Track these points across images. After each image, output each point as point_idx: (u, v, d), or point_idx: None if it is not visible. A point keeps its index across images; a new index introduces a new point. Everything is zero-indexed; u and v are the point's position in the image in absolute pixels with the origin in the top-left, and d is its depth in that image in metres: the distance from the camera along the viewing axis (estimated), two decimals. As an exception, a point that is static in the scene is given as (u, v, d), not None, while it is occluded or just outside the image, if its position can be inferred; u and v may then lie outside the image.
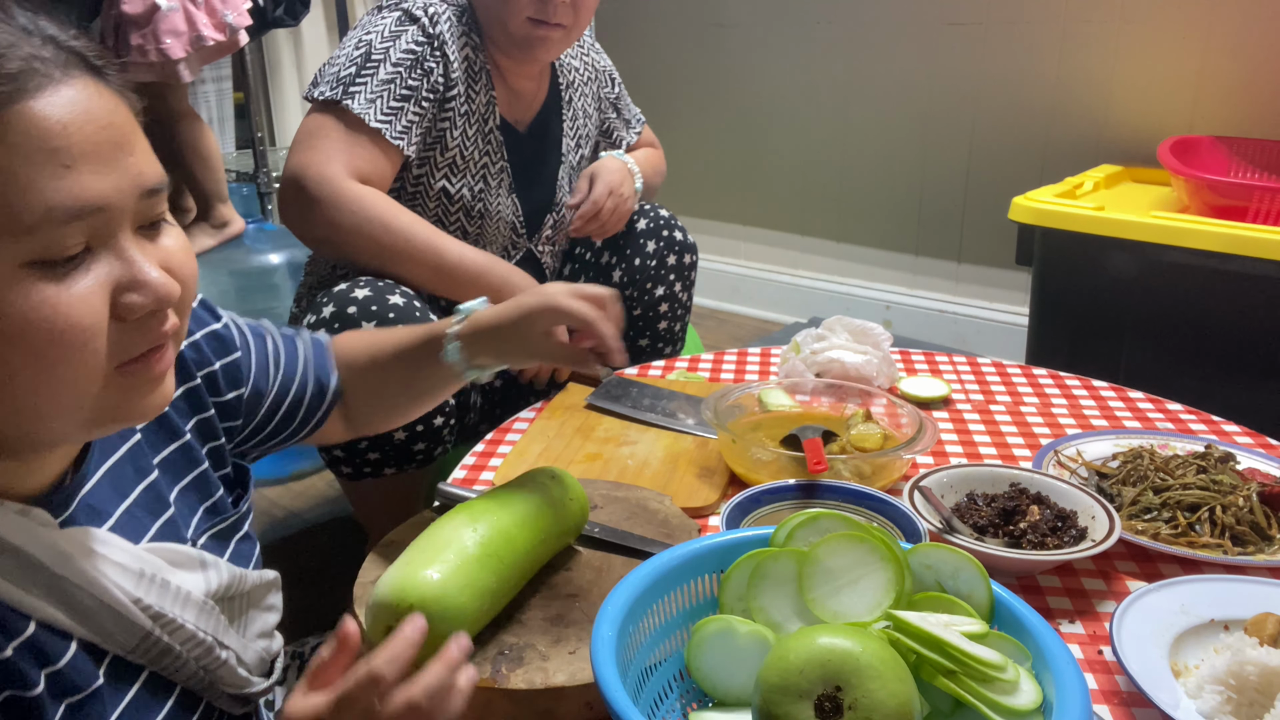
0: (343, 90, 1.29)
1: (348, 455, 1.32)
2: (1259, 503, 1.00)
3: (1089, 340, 1.92)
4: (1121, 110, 2.33)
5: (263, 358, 0.84)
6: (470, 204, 1.45)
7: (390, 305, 1.25)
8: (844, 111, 2.80)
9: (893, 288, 2.86)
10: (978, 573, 0.69)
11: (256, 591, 0.75)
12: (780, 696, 0.57)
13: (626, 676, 0.63)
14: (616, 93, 1.68)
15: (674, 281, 1.64)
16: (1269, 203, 1.74)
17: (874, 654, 0.57)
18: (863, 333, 1.42)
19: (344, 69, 1.31)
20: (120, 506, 0.66)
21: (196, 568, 0.68)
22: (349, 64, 1.31)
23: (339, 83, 1.30)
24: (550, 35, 1.36)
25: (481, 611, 0.74)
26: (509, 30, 1.35)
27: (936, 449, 1.22)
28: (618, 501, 1.00)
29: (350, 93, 1.29)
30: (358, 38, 1.34)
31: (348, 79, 1.30)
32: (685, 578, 0.73)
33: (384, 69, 1.31)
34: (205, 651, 0.66)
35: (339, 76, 1.31)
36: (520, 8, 1.32)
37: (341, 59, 1.33)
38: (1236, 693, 0.72)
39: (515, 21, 1.33)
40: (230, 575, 0.71)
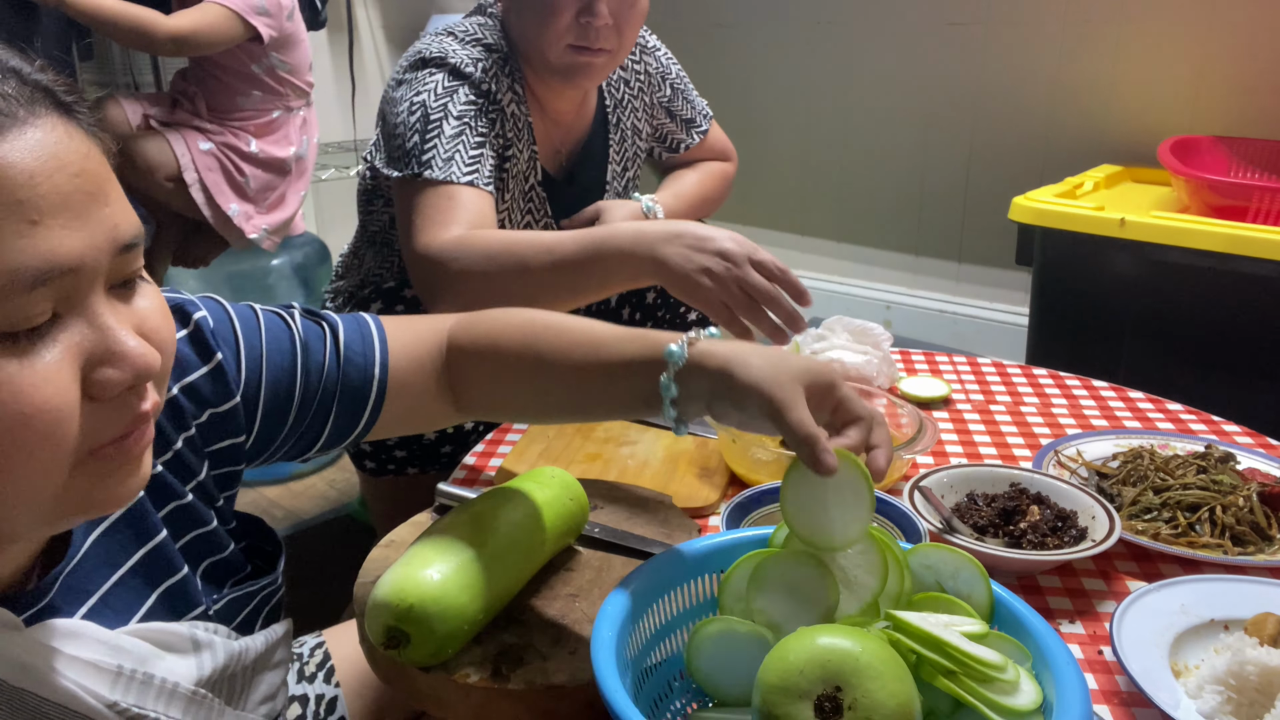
0: (416, 164, 1.18)
1: (374, 450, 1.32)
2: (1259, 503, 1.00)
3: (1089, 340, 1.92)
4: (1121, 110, 2.33)
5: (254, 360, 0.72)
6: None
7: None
8: (844, 111, 2.80)
9: (893, 288, 2.86)
10: (978, 573, 0.69)
11: (263, 657, 0.68)
12: (780, 697, 0.57)
13: (626, 676, 0.63)
14: (669, 94, 1.53)
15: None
16: (1269, 203, 1.74)
17: (874, 654, 0.57)
18: (863, 333, 1.42)
19: (407, 139, 1.20)
20: (111, 578, 0.59)
21: (189, 650, 0.60)
22: (410, 133, 1.20)
23: (408, 156, 1.19)
24: (594, 61, 1.26)
25: (481, 612, 0.74)
26: (549, 60, 1.26)
27: (936, 449, 1.22)
28: (618, 501, 1.00)
29: (424, 162, 1.18)
30: (409, 101, 1.22)
31: (416, 150, 1.19)
32: (685, 578, 0.73)
33: (447, 125, 1.20)
34: None
35: (406, 150, 1.19)
36: (559, 35, 1.23)
37: (400, 129, 1.21)
38: (1236, 693, 0.72)
39: (555, 50, 1.24)
40: (228, 655, 0.63)
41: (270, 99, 2.04)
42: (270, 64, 2.00)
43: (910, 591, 0.70)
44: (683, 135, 1.54)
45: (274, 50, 1.99)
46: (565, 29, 1.22)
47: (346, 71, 2.87)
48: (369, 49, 3.02)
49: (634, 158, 1.52)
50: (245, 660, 0.66)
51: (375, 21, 3.03)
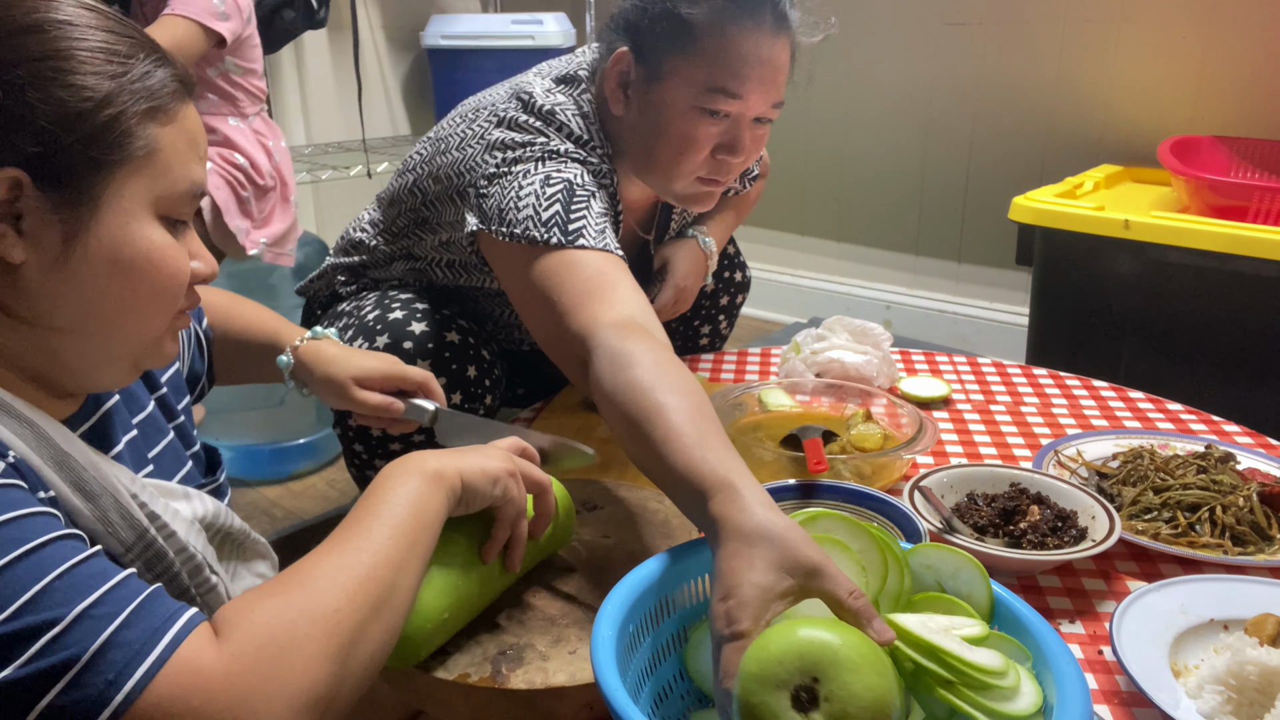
0: (560, 232, 1.05)
1: (369, 455, 1.32)
2: (1259, 503, 1.00)
3: (1089, 340, 1.92)
4: (1121, 110, 2.33)
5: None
6: None
7: (446, 343, 1.23)
8: (844, 111, 2.80)
9: (893, 288, 2.86)
10: (978, 572, 0.69)
11: (246, 546, 0.79)
12: (758, 686, 0.57)
13: (626, 676, 0.63)
14: None
15: (719, 318, 1.64)
16: (1269, 203, 1.74)
17: (853, 647, 0.57)
18: (863, 333, 1.42)
19: (544, 209, 1.06)
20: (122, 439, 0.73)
21: (181, 498, 0.73)
22: (549, 202, 1.07)
23: (549, 225, 1.05)
24: (715, 192, 1.21)
25: (447, 610, 0.73)
26: (672, 187, 1.18)
27: (936, 449, 1.22)
28: (618, 501, 1.00)
29: (572, 230, 1.05)
30: (544, 174, 1.10)
31: (558, 219, 1.06)
32: (685, 578, 0.73)
33: (595, 203, 1.09)
34: (195, 569, 0.69)
35: (545, 220, 1.06)
36: (693, 169, 1.15)
37: (529, 198, 1.07)
38: (1236, 693, 0.72)
39: (684, 183, 1.17)
40: (215, 506, 0.75)
41: (223, 104, 1.96)
42: (225, 68, 1.95)
43: (910, 591, 0.70)
44: (736, 184, 1.51)
45: (230, 54, 1.94)
46: (701, 164, 1.15)
47: (348, 71, 2.87)
48: (369, 49, 3.02)
49: (692, 218, 1.49)
50: (230, 524, 0.78)
51: (375, 21, 3.03)
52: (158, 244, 0.64)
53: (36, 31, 0.60)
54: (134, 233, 0.63)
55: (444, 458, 0.74)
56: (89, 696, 0.51)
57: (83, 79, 0.60)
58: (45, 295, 0.61)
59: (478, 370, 1.25)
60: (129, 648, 0.52)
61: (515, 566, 0.81)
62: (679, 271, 1.41)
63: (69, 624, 0.51)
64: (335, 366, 1.00)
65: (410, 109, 3.18)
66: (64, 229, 0.60)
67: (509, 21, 2.86)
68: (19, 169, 0.58)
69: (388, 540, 0.65)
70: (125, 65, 0.62)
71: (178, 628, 0.55)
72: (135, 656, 0.52)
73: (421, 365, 1.21)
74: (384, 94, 3.11)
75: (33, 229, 0.60)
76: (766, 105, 1.14)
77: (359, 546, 0.64)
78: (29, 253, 0.60)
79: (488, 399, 1.27)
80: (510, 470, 0.78)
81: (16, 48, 0.59)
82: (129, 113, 0.61)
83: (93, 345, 0.64)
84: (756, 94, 1.11)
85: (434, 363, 1.22)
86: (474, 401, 1.25)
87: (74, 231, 0.61)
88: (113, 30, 0.63)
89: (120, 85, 0.61)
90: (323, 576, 0.61)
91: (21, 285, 0.61)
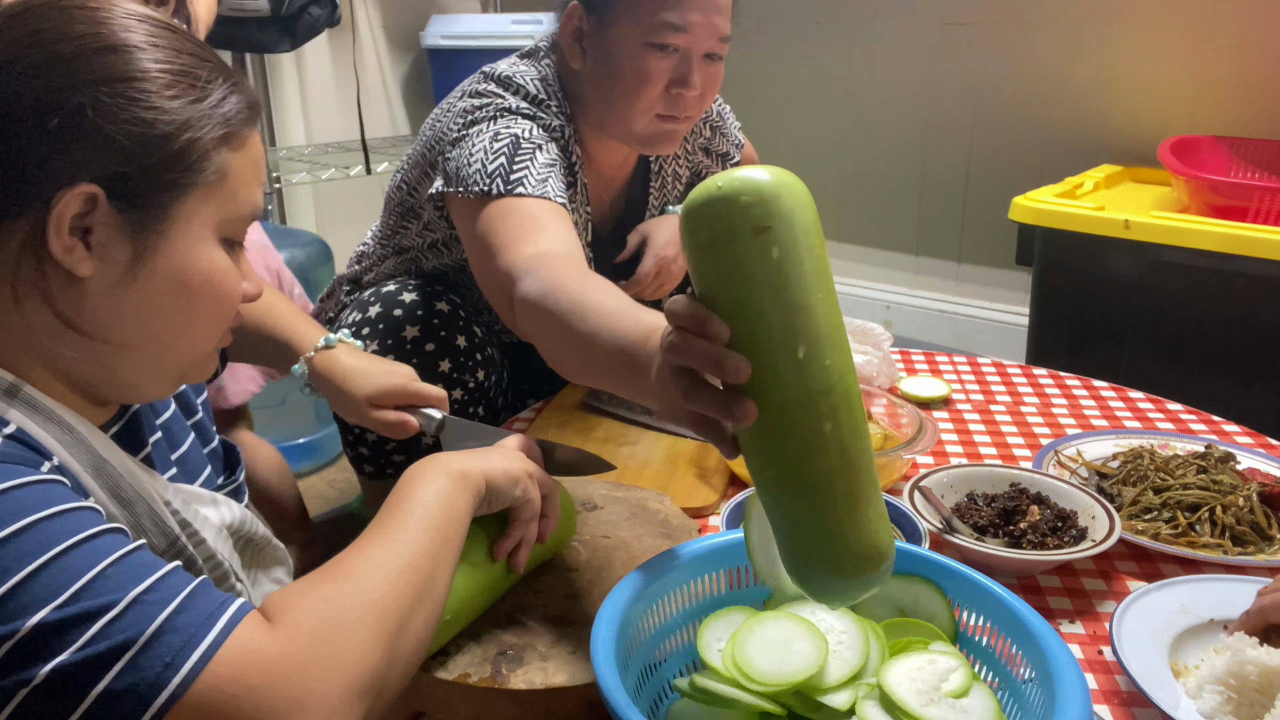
0: (502, 183, 1.11)
1: (373, 454, 1.33)
2: (1259, 503, 1.00)
3: (1089, 340, 1.92)
4: (1121, 110, 2.33)
5: None
6: None
7: (435, 311, 1.25)
8: (844, 111, 2.80)
9: (893, 288, 2.86)
10: (936, 596, 0.71)
11: (266, 552, 0.80)
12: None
13: (626, 676, 0.63)
14: (707, 135, 1.51)
15: None
16: (1269, 203, 1.74)
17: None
18: (863, 333, 1.42)
19: (490, 162, 1.13)
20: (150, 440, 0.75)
21: (209, 504, 0.74)
22: (494, 155, 1.14)
23: (492, 176, 1.12)
24: (677, 129, 1.25)
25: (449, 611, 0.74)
26: (632, 129, 1.23)
27: (936, 449, 1.22)
28: (618, 501, 1.00)
29: (513, 180, 1.12)
30: (493, 131, 1.17)
31: (501, 170, 1.12)
32: (685, 578, 0.73)
33: (541, 155, 1.15)
34: (222, 576, 0.70)
35: (489, 171, 1.12)
36: (649, 106, 1.20)
37: (479, 153, 1.14)
38: (1236, 693, 0.72)
39: (643, 121, 1.22)
40: (241, 513, 0.76)
41: None
42: None
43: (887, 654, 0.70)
44: (716, 167, 1.54)
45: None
46: (656, 100, 1.20)
47: (347, 71, 2.87)
48: (368, 49, 3.02)
49: (673, 199, 1.51)
50: (254, 531, 0.78)
51: (375, 22, 3.03)
52: (219, 266, 0.66)
53: (122, 52, 0.61)
54: (199, 254, 0.64)
55: (467, 458, 0.74)
56: (146, 680, 0.51)
57: (165, 102, 0.61)
58: (107, 310, 0.62)
59: (467, 342, 1.28)
60: (184, 631, 0.53)
61: (520, 567, 0.81)
62: (658, 242, 1.41)
63: (124, 609, 0.52)
64: (351, 383, 1.01)
65: (410, 109, 3.18)
66: (133, 247, 0.62)
67: (509, 21, 2.86)
68: (96, 185, 0.59)
69: (423, 534, 0.66)
70: (205, 90, 0.63)
71: (231, 612, 0.55)
72: (191, 639, 0.53)
73: (410, 331, 1.23)
74: (384, 94, 3.11)
75: (102, 244, 0.61)
76: (713, 39, 1.20)
77: (398, 538, 0.65)
78: (96, 267, 0.61)
79: (479, 373, 1.29)
80: (530, 472, 0.79)
81: (103, 67, 0.60)
82: (206, 138, 0.63)
83: (146, 360, 0.66)
84: (700, 26, 1.18)
85: (423, 328, 1.24)
86: (464, 373, 1.27)
87: (142, 250, 0.62)
88: (193, 54, 0.64)
89: (200, 111, 0.63)
90: (367, 565, 0.62)
91: (85, 299, 0.62)
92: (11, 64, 0.59)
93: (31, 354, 0.62)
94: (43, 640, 0.50)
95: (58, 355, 0.63)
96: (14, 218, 0.59)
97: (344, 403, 1.02)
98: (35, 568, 0.51)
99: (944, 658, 0.66)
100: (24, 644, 0.50)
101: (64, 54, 0.59)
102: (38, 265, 0.60)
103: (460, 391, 1.28)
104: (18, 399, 0.60)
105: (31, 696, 0.50)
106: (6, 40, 0.59)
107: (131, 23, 0.62)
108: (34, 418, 0.60)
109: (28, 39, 0.59)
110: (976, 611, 0.70)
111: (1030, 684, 0.65)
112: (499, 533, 0.80)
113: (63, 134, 0.58)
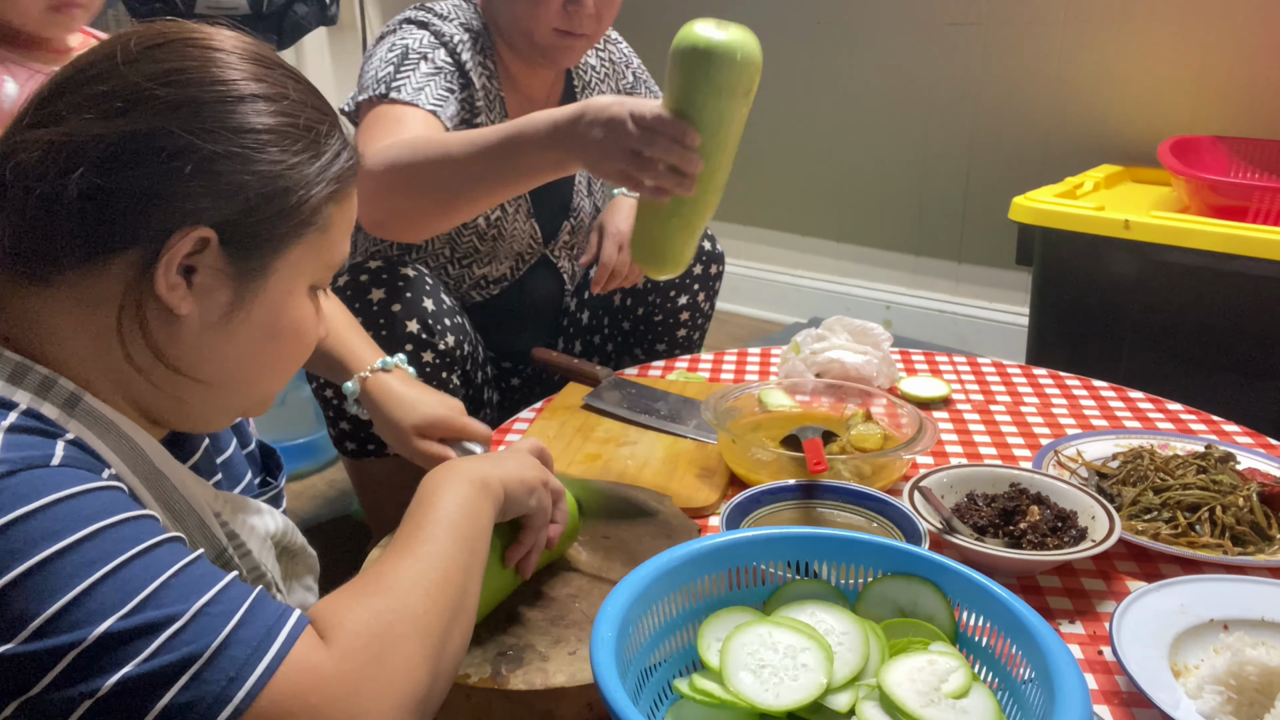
0: (385, 86, 1.26)
1: (353, 430, 1.33)
2: (1259, 503, 1.00)
3: (1089, 340, 1.92)
4: (1121, 110, 2.33)
5: None
6: (485, 230, 1.44)
7: (401, 275, 1.29)
8: (844, 111, 2.80)
9: (893, 288, 2.86)
10: (936, 595, 0.71)
11: (299, 560, 0.81)
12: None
13: (626, 676, 0.63)
14: (631, 81, 1.61)
15: (698, 291, 1.64)
16: (1269, 203, 1.74)
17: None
18: (863, 333, 1.42)
19: (380, 70, 1.28)
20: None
21: (255, 513, 0.74)
22: (385, 65, 1.28)
23: (379, 82, 1.26)
24: (575, 44, 1.35)
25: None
26: (534, 40, 1.34)
27: (936, 449, 1.22)
28: (618, 501, 1.00)
29: (394, 87, 1.26)
30: (390, 43, 1.32)
31: (387, 77, 1.27)
32: (685, 578, 0.73)
33: (424, 65, 1.29)
34: (265, 588, 0.70)
35: (378, 77, 1.27)
36: (547, 19, 1.31)
37: (376, 63, 1.30)
38: (1236, 693, 0.72)
39: (541, 32, 1.33)
40: (284, 522, 0.77)
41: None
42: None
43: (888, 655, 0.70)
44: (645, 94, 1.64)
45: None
46: (554, 14, 1.30)
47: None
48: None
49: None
50: (294, 542, 0.79)
51: (376, 21, 3.03)
52: (306, 315, 0.67)
53: (252, 102, 0.61)
54: (292, 303, 0.66)
55: (485, 466, 0.74)
56: (211, 693, 0.51)
57: (290, 158, 0.62)
58: (198, 349, 0.63)
59: (435, 306, 1.31)
60: (247, 645, 0.53)
61: (529, 573, 0.81)
62: (613, 223, 1.50)
63: (188, 620, 0.52)
64: (400, 411, 1.01)
65: (410, 109, 3.19)
66: (234, 292, 0.62)
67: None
68: (212, 229, 0.60)
69: (453, 546, 0.66)
70: (323, 146, 0.64)
71: (290, 626, 0.55)
72: (254, 654, 0.53)
73: (377, 294, 1.27)
74: (384, 94, 3.12)
75: (204, 286, 0.61)
76: None
77: (430, 551, 0.65)
78: (195, 308, 0.61)
79: (449, 338, 1.31)
80: (544, 480, 0.80)
81: (237, 117, 0.60)
82: (320, 194, 0.64)
83: (220, 397, 0.67)
84: None
85: (388, 290, 1.27)
86: (432, 335, 1.29)
87: (242, 296, 0.63)
88: (315, 107, 0.65)
89: (317, 167, 0.64)
90: (405, 580, 0.62)
91: (178, 336, 0.62)
92: (151, 100, 0.58)
93: (109, 375, 0.62)
94: (108, 651, 0.50)
95: (137, 382, 0.63)
96: (129, 249, 0.59)
97: (389, 429, 1.02)
98: (99, 577, 0.51)
99: (944, 658, 0.66)
100: (89, 654, 0.50)
101: (204, 99, 0.60)
102: (141, 297, 0.60)
103: (431, 354, 1.30)
104: (78, 409, 0.60)
105: (96, 708, 0.49)
106: (148, 74, 0.59)
107: (262, 70, 0.63)
108: (93, 428, 0.60)
109: (170, 76, 0.59)
110: (976, 611, 0.70)
111: (1030, 684, 0.64)
112: (508, 538, 0.80)
113: (194, 178, 0.59)
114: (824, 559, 0.75)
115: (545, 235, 1.53)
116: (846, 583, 0.75)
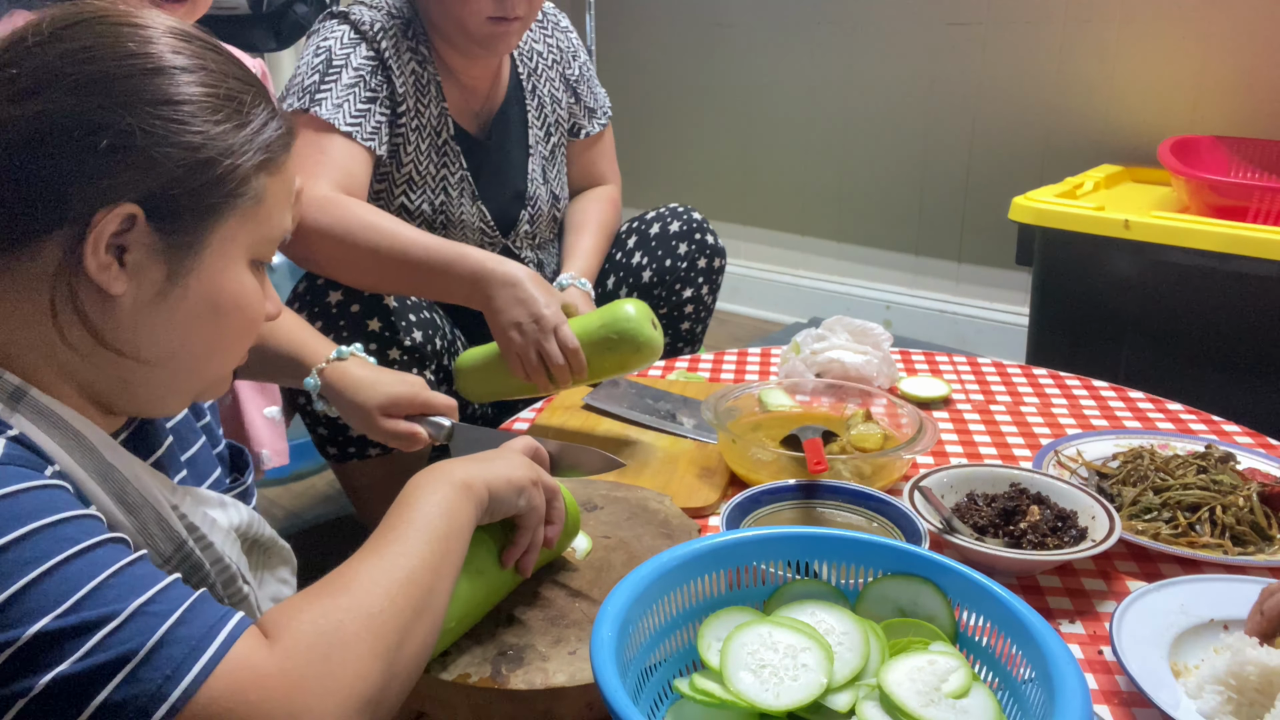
0: (309, 99, 1.29)
1: (331, 434, 1.33)
2: (1259, 503, 1.00)
3: (1089, 340, 1.92)
4: (1121, 110, 2.33)
5: None
6: (432, 216, 1.44)
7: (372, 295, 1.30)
8: (844, 111, 2.80)
9: (893, 288, 2.86)
10: (936, 595, 0.71)
11: (272, 553, 0.80)
12: None
13: (626, 676, 0.63)
14: (577, 73, 1.61)
15: (702, 284, 1.64)
16: (1269, 203, 1.74)
17: None
18: (863, 333, 1.42)
19: (307, 78, 1.32)
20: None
21: (217, 506, 0.73)
22: (311, 72, 1.32)
23: (304, 92, 1.30)
24: (510, 29, 1.35)
25: (452, 619, 0.74)
26: (469, 31, 1.34)
27: (936, 449, 1.22)
28: (618, 501, 1.00)
29: (317, 100, 1.29)
30: (315, 44, 1.35)
31: (312, 87, 1.30)
32: (685, 578, 0.73)
33: (345, 75, 1.32)
34: (230, 580, 0.70)
35: (304, 86, 1.31)
36: (480, 9, 1.31)
37: (304, 68, 1.33)
38: (1236, 693, 0.72)
39: (475, 22, 1.33)
40: (249, 515, 0.76)
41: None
42: None
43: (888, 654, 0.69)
44: (584, 121, 1.62)
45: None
46: (485, 3, 1.31)
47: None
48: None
49: (556, 124, 1.58)
50: (261, 533, 0.78)
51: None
52: (248, 288, 0.66)
53: (170, 74, 0.61)
54: (230, 276, 0.65)
55: (470, 467, 0.74)
56: (146, 691, 0.51)
57: (212, 128, 0.61)
58: (137, 328, 0.62)
59: (398, 302, 1.32)
60: (185, 644, 0.53)
61: (528, 572, 0.81)
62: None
63: (125, 620, 0.52)
64: (362, 394, 1.02)
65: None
66: (168, 268, 0.62)
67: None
68: (137, 205, 0.59)
69: (424, 546, 0.66)
70: (248, 116, 0.64)
71: (230, 626, 0.55)
72: (191, 653, 0.53)
73: (334, 296, 1.29)
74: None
75: (137, 264, 0.61)
76: None
77: (397, 551, 0.65)
78: (129, 286, 0.61)
79: (415, 334, 1.31)
80: (534, 479, 0.79)
81: (153, 89, 0.60)
82: (247, 164, 0.63)
83: (168, 378, 0.66)
84: None
85: (345, 291, 1.28)
86: (396, 332, 1.30)
87: (177, 271, 0.62)
88: (237, 78, 0.64)
89: (243, 136, 0.63)
90: (365, 579, 0.62)
91: (116, 316, 0.61)
92: (61, 79, 0.58)
93: (52, 363, 0.62)
94: (43, 649, 0.50)
95: (81, 367, 0.63)
96: (53, 231, 0.59)
97: (355, 413, 1.03)
98: (36, 576, 0.51)
99: (944, 658, 0.66)
100: (24, 652, 0.50)
101: (116, 74, 0.59)
102: (73, 280, 0.60)
103: (397, 351, 1.30)
104: (22, 403, 0.60)
105: (31, 706, 0.50)
106: (58, 53, 0.59)
107: (179, 44, 0.62)
108: (38, 422, 0.60)
109: (79, 54, 0.59)
110: (976, 611, 0.70)
111: (1030, 684, 0.65)
112: (506, 539, 0.80)
113: (111, 154, 0.58)
114: (824, 559, 0.75)
115: (502, 225, 1.51)
116: (846, 583, 0.75)
